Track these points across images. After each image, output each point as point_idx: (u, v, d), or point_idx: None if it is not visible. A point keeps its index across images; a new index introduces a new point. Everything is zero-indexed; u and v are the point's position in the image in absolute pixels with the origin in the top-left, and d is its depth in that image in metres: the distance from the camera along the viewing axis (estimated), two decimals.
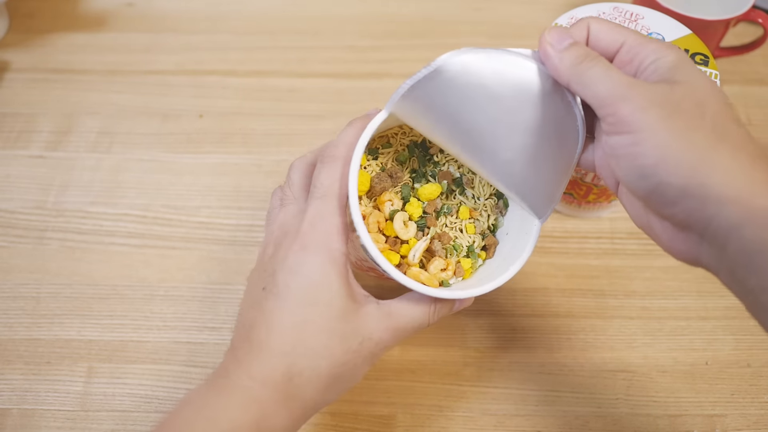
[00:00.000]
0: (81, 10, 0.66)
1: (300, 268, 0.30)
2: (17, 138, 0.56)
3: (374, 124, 0.33)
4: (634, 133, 0.26)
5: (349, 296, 0.31)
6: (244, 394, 0.29)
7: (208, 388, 0.30)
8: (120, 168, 0.54)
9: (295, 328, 0.30)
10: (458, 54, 0.30)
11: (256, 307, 0.31)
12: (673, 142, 0.26)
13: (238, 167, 0.55)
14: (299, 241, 0.31)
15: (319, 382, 0.30)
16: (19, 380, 0.43)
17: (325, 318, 0.30)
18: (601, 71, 0.28)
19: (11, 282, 0.48)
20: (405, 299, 0.33)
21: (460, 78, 0.30)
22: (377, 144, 0.39)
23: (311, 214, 0.31)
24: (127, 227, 0.51)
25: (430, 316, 0.33)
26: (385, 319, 0.32)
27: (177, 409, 0.30)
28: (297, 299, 0.30)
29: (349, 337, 0.30)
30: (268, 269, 0.32)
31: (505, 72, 0.30)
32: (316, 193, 0.32)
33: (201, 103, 0.59)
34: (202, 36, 0.64)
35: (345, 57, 0.62)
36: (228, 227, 0.51)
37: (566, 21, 0.44)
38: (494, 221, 0.38)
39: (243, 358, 0.30)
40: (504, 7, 0.67)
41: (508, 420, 0.42)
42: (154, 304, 0.47)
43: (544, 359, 0.45)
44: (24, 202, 0.52)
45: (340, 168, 0.32)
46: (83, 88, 0.60)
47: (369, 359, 0.31)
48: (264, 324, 0.30)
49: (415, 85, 0.31)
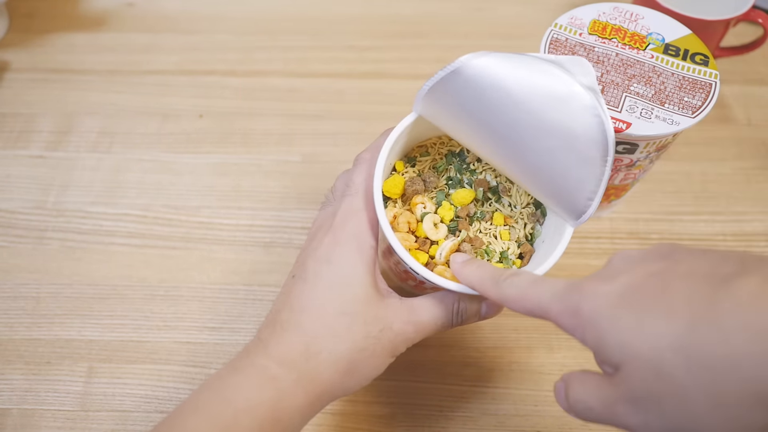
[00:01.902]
0: (81, 10, 0.66)
1: (330, 257, 0.32)
2: (17, 138, 0.56)
3: (402, 125, 0.34)
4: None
5: (374, 286, 0.32)
6: (261, 374, 0.29)
7: (227, 369, 0.31)
8: (120, 168, 0.54)
9: (319, 309, 0.31)
10: (478, 56, 0.30)
11: (285, 293, 0.32)
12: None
13: (238, 167, 0.55)
14: (331, 234, 0.32)
15: (337, 364, 0.30)
16: (19, 380, 0.43)
17: (349, 302, 0.31)
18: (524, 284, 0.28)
19: (11, 282, 0.48)
20: (428, 297, 0.33)
21: (480, 79, 0.30)
22: (415, 153, 0.39)
23: (342, 210, 0.33)
24: (127, 227, 0.51)
25: (453, 317, 0.33)
26: (407, 312, 0.32)
27: (197, 390, 0.30)
28: (323, 284, 0.31)
29: (370, 323, 0.31)
30: (300, 260, 0.33)
31: (526, 75, 0.30)
32: (347, 191, 0.34)
33: (201, 103, 0.59)
34: (201, 36, 0.64)
35: (345, 57, 0.62)
36: (228, 227, 0.51)
37: (566, 21, 0.44)
38: (531, 229, 0.37)
39: (265, 338, 0.31)
40: (504, 7, 0.67)
41: (508, 420, 0.42)
42: (154, 304, 0.47)
43: (544, 359, 0.45)
44: (24, 202, 0.52)
45: (369, 168, 0.34)
46: (83, 88, 0.60)
47: (389, 349, 0.32)
48: (288, 306, 0.31)
49: (435, 86, 0.31)
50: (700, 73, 0.41)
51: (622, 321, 0.22)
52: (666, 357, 0.21)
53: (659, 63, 0.42)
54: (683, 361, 0.20)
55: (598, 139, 0.31)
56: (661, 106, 0.40)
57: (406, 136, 0.36)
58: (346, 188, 0.34)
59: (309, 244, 0.33)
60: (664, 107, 0.40)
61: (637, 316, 0.22)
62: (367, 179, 0.34)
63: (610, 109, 0.39)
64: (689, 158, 0.55)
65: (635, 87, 0.41)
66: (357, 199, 0.33)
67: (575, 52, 0.42)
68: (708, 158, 0.55)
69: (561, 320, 0.25)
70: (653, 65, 0.41)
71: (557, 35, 0.43)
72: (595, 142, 0.31)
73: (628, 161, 0.42)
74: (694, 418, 0.21)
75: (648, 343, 0.21)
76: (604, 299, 0.23)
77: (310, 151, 0.56)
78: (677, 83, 0.41)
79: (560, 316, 0.25)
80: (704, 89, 0.40)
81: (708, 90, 0.40)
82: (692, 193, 0.53)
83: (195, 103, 0.59)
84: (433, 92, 0.32)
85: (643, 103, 0.40)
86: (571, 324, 0.24)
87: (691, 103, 0.40)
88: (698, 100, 0.40)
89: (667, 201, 0.53)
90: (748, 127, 0.57)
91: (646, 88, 0.40)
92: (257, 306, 0.47)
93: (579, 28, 0.43)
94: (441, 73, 0.31)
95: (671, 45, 0.43)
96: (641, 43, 0.43)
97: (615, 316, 0.23)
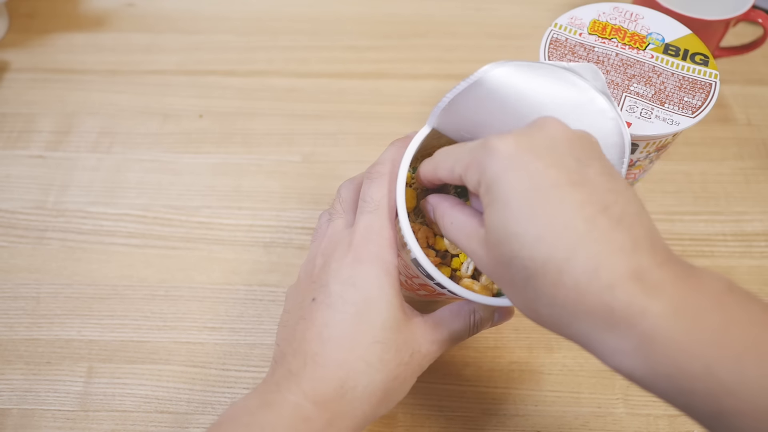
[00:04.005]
0: (81, 10, 0.66)
1: (355, 280, 0.30)
2: (17, 138, 0.56)
3: (418, 138, 0.33)
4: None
5: (402, 309, 0.31)
6: (295, 414, 0.28)
7: (257, 403, 0.29)
8: (120, 168, 0.54)
9: (351, 339, 0.29)
10: (498, 66, 0.30)
11: (308, 319, 0.30)
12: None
13: (238, 167, 0.55)
14: (352, 254, 0.30)
15: (373, 396, 0.29)
16: (19, 380, 0.43)
17: (380, 329, 0.29)
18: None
19: (11, 282, 0.48)
20: (446, 311, 0.33)
21: (501, 90, 0.30)
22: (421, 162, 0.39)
23: (363, 227, 0.31)
24: (127, 227, 0.51)
25: (470, 329, 0.33)
26: (431, 332, 0.32)
27: (223, 420, 0.29)
28: (352, 311, 0.29)
29: (402, 349, 0.30)
30: (319, 281, 0.31)
31: (544, 83, 0.31)
32: (366, 207, 0.32)
33: (201, 103, 0.59)
34: (202, 36, 0.64)
35: (345, 57, 0.62)
36: (228, 227, 0.51)
37: (566, 21, 0.44)
38: None
39: (296, 371, 0.29)
40: (504, 8, 0.67)
41: (508, 420, 0.42)
42: (154, 304, 0.47)
43: (544, 359, 0.45)
44: (24, 202, 0.52)
45: (388, 183, 0.32)
46: (83, 88, 0.60)
47: (417, 372, 0.32)
48: (317, 336, 0.29)
49: (456, 99, 0.31)
50: (700, 73, 0.41)
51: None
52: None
53: (659, 63, 0.42)
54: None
55: (615, 141, 0.31)
56: (661, 106, 0.40)
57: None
58: (364, 204, 0.32)
59: (326, 264, 0.31)
60: (664, 107, 0.40)
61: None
62: (387, 195, 0.32)
63: None
64: (689, 158, 0.55)
65: (635, 87, 0.41)
66: (378, 217, 0.31)
67: (575, 52, 0.42)
68: (708, 158, 0.55)
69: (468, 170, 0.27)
70: (653, 65, 0.42)
71: (557, 35, 0.43)
72: (613, 145, 0.31)
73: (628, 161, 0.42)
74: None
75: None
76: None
77: (310, 151, 0.56)
78: (677, 83, 0.41)
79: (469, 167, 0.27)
80: (704, 89, 0.40)
81: (708, 90, 0.40)
82: (692, 193, 0.53)
83: (195, 103, 0.59)
84: (453, 105, 0.31)
85: (643, 103, 0.40)
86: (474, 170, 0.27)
87: (691, 103, 0.40)
88: (698, 100, 0.40)
89: (667, 201, 0.53)
90: (748, 127, 0.57)
91: (646, 88, 0.41)
92: (257, 306, 0.47)
93: (579, 28, 0.43)
94: (462, 85, 0.30)
95: (671, 45, 0.43)
96: (641, 43, 0.43)
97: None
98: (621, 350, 0.23)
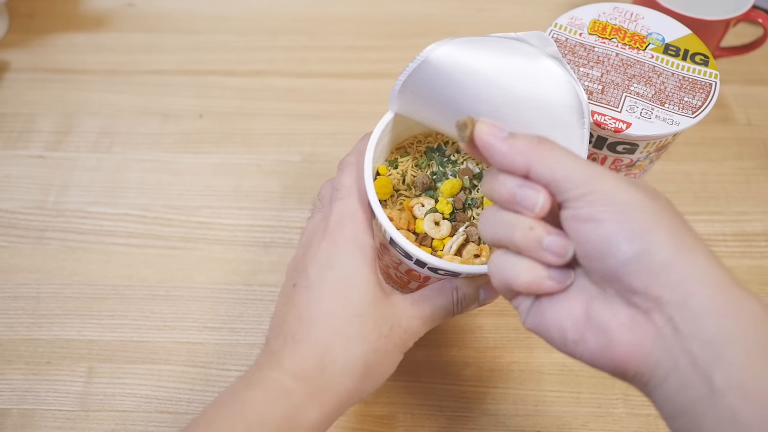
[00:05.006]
0: (81, 10, 0.66)
1: (332, 262, 0.31)
2: (17, 138, 0.56)
3: (381, 125, 0.34)
4: (620, 205, 0.24)
5: (379, 285, 0.32)
6: (274, 387, 0.29)
7: (241, 385, 0.30)
8: (120, 168, 0.54)
9: (328, 316, 0.30)
10: (441, 44, 0.31)
11: (289, 303, 0.32)
12: (661, 211, 0.25)
13: (238, 167, 0.55)
14: (328, 238, 0.32)
15: (354, 369, 0.30)
16: (19, 380, 0.43)
17: (357, 304, 0.30)
18: (566, 151, 0.26)
19: (11, 282, 0.48)
20: (428, 288, 0.34)
21: (448, 66, 0.31)
22: (395, 155, 0.40)
23: (336, 213, 0.32)
24: (127, 227, 0.51)
25: (454, 305, 0.34)
26: (412, 307, 0.32)
27: (210, 405, 0.30)
28: (329, 289, 0.31)
29: (380, 323, 0.31)
30: (299, 268, 0.32)
31: (492, 54, 0.31)
32: (337, 195, 0.33)
33: (201, 103, 0.59)
34: (202, 36, 0.64)
35: (345, 57, 0.62)
36: (228, 227, 0.51)
37: (566, 21, 0.44)
38: None
39: (277, 350, 0.30)
40: (505, 8, 0.67)
41: (508, 420, 0.42)
42: (154, 304, 0.47)
43: (544, 359, 0.45)
44: (24, 202, 0.52)
45: (356, 171, 0.33)
46: (83, 88, 0.60)
47: (399, 347, 0.32)
48: (297, 317, 0.31)
49: (407, 81, 0.32)
50: (700, 73, 0.41)
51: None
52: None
53: (659, 63, 0.42)
54: None
55: (572, 103, 0.31)
56: (661, 106, 0.40)
57: (386, 137, 0.36)
58: (335, 192, 0.33)
59: (305, 252, 0.32)
60: (664, 107, 0.40)
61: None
62: (357, 181, 0.33)
63: (610, 109, 0.40)
64: (689, 158, 0.55)
65: (635, 87, 0.41)
66: (349, 202, 0.32)
67: (575, 52, 0.42)
68: (708, 158, 0.55)
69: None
70: (653, 65, 0.41)
71: (557, 35, 0.43)
72: (570, 107, 0.31)
73: (628, 161, 0.42)
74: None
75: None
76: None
77: (310, 151, 0.56)
78: (677, 83, 0.41)
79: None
80: (704, 89, 0.40)
81: (708, 90, 0.40)
82: (692, 193, 0.53)
83: (195, 103, 0.59)
84: (406, 87, 0.32)
85: (643, 103, 0.40)
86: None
87: (691, 103, 0.40)
88: (698, 100, 0.40)
89: None
90: (748, 127, 0.57)
91: (646, 88, 0.41)
92: (257, 306, 0.47)
93: (579, 28, 0.43)
94: (410, 66, 0.31)
95: (671, 45, 0.43)
96: (641, 43, 0.43)
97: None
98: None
